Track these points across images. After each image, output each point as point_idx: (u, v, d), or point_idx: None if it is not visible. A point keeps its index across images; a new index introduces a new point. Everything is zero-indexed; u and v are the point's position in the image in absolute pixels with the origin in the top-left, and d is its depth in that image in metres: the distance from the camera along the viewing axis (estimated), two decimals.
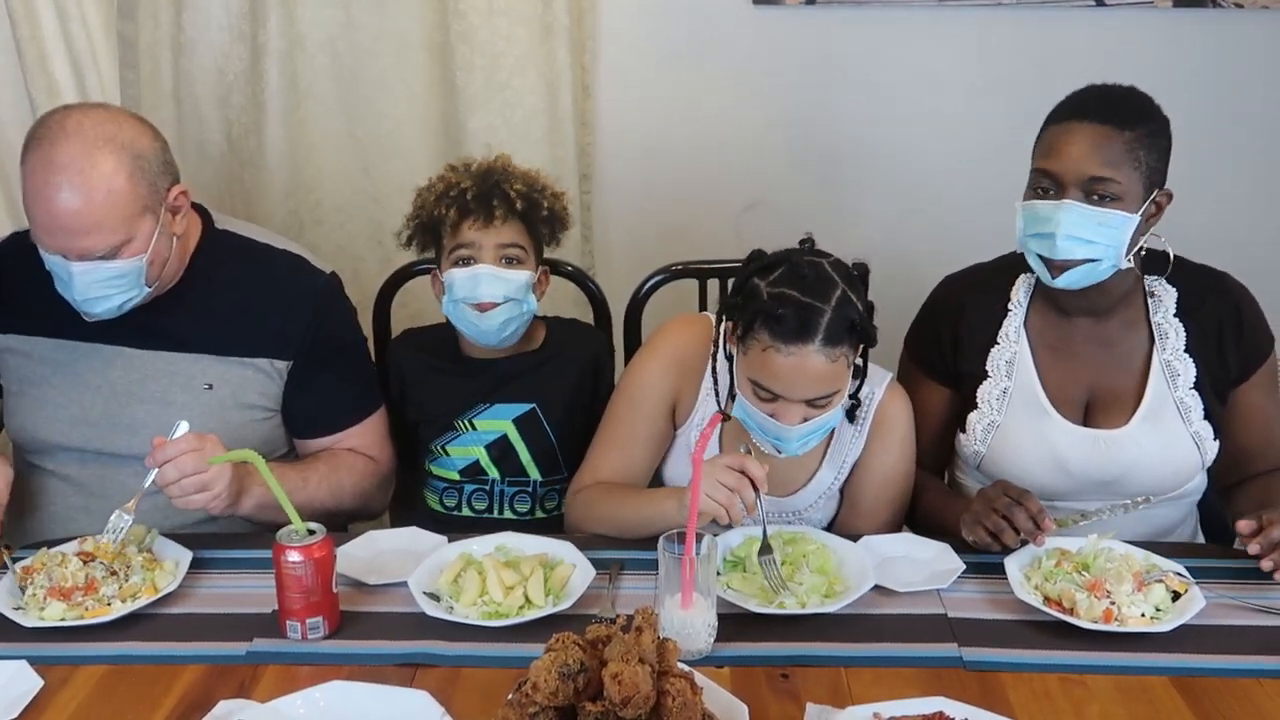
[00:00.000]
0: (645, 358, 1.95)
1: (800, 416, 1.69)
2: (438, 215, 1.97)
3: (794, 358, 1.64)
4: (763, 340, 1.66)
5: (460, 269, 1.96)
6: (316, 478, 1.92)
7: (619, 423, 1.92)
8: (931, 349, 1.96)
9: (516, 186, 1.97)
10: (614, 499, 1.86)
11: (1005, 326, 1.91)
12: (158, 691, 1.46)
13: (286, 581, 1.54)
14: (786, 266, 1.69)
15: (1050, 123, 1.78)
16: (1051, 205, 1.74)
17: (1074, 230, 1.73)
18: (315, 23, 2.53)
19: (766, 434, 1.74)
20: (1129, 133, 1.72)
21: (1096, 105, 1.75)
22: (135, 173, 1.73)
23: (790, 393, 1.67)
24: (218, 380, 1.91)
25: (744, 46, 2.60)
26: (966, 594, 1.65)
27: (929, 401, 1.96)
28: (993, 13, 2.57)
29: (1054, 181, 1.74)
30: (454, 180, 1.99)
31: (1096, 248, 1.74)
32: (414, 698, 1.39)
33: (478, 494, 2.05)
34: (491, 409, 2.04)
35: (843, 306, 1.65)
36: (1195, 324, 1.86)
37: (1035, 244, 1.78)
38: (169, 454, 1.68)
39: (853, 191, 2.69)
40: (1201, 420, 1.85)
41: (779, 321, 1.64)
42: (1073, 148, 1.73)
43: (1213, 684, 1.45)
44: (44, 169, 1.69)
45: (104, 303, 1.78)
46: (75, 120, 1.72)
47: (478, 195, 1.96)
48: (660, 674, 1.25)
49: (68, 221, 1.69)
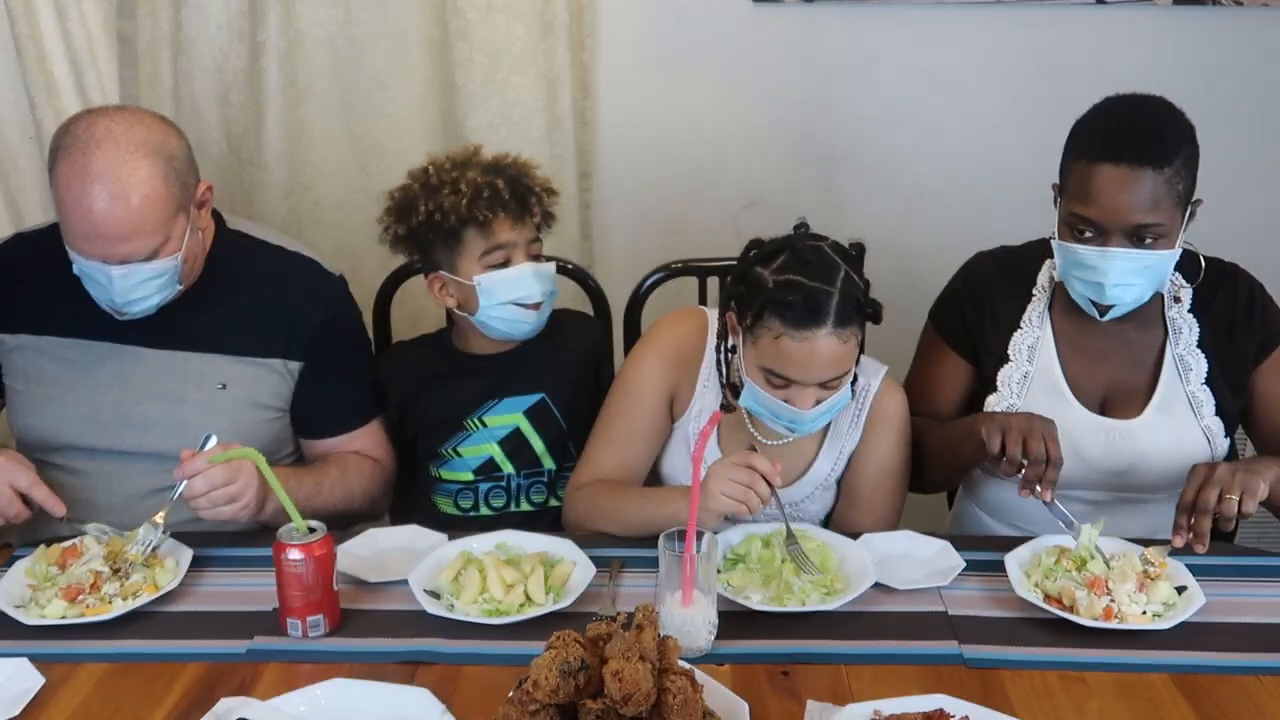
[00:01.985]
0: (641, 352, 1.96)
1: (814, 400, 1.71)
2: (475, 217, 1.89)
3: (807, 343, 1.66)
4: (774, 328, 1.67)
5: (500, 271, 1.92)
6: (329, 482, 1.93)
7: (617, 418, 1.93)
8: (957, 322, 1.97)
9: (536, 184, 1.96)
10: (618, 498, 1.86)
11: (1029, 311, 1.92)
12: (159, 689, 1.46)
13: (287, 579, 1.54)
14: (789, 253, 1.71)
15: (1081, 156, 1.73)
16: (1097, 253, 1.72)
17: (1124, 278, 1.73)
18: (314, 20, 2.52)
19: (780, 418, 1.75)
20: (1168, 169, 1.68)
21: (1130, 142, 1.69)
22: (169, 174, 1.74)
23: (805, 377, 1.69)
24: (232, 380, 1.92)
25: (743, 45, 2.60)
26: (967, 591, 1.65)
27: (951, 373, 1.97)
28: (993, 10, 2.57)
29: (1095, 229, 1.72)
30: (478, 180, 1.91)
31: (1140, 290, 1.76)
32: (415, 695, 1.40)
33: (495, 491, 2.04)
34: (501, 403, 2.03)
35: (848, 287, 1.68)
36: (1207, 318, 1.87)
37: (1081, 285, 1.78)
38: (197, 466, 1.68)
39: (852, 189, 2.69)
40: (1213, 415, 1.86)
41: (789, 308, 1.65)
42: (1113, 196, 1.68)
43: (1213, 681, 1.45)
44: (80, 179, 1.68)
45: (143, 303, 1.79)
46: (104, 127, 1.71)
47: (514, 194, 1.92)
48: (661, 671, 1.25)
49: (109, 230, 1.70)
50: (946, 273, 2.04)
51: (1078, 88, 1.84)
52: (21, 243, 2.00)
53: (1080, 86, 1.84)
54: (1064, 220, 1.77)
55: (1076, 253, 1.75)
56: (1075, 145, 1.77)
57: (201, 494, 1.69)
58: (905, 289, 2.27)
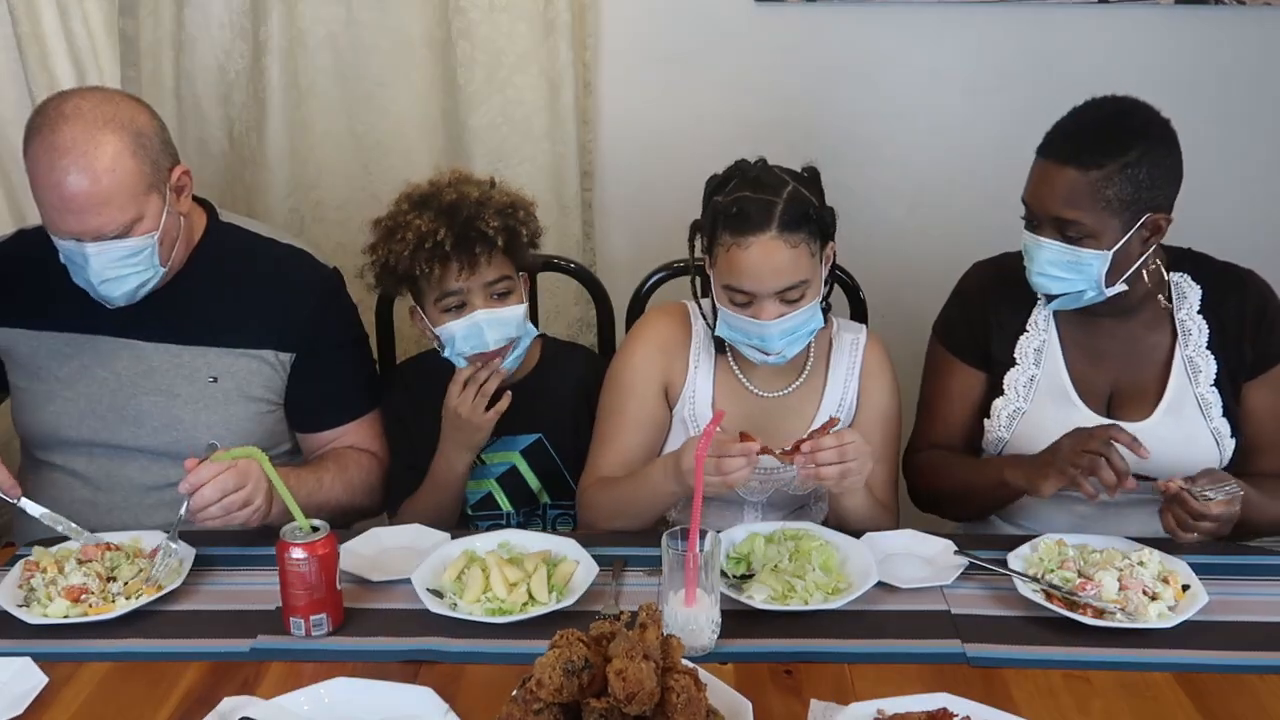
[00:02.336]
0: (628, 346, 1.99)
1: (776, 312, 1.78)
2: (417, 271, 1.85)
3: (755, 248, 1.74)
4: (725, 242, 1.77)
5: (455, 320, 1.88)
6: (330, 478, 1.93)
7: (612, 414, 1.95)
8: (964, 333, 1.98)
9: (493, 223, 1.86)
10: (612, 490, 1.89)
11: (1034, 315, 1.93)
12: (162, 688, 1.46)
13: (290, 578, 1.54)
14: (738, 176, 1.82)
15: (1038, 152, 1.81)
16: (1032, 240, 1.81)
17: (1045, 268, 1.80)
18: (316, 20, 2.52)
19: (750, 339, 1.81)
20: (1095, 172, 1.72)
21: (1065, 143, 1.77)
22: (138, 150, 1.74)
23: (760, 286, 1.76)
24: (223, 373, 1.92)
25: (745, 44, 2.60)
26: (970, 590, 1.65)
27: (965, 385, 1.98)
28: (994, 10, 2.56)
29: (1031, 215, 1.81)
30: (423, 228, 1.84)
31: (1069, 282, 1.80)
32: (418, 694, 1.40)
33: (492, 528, 1.98)
34: (498, 441, 2.02)
35: (795, 197, 1.77)
36: (1217, 320, 1.87)
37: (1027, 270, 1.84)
38: (205, 475, 1.67)
39: (853, 188, 2.68)
40: (1220, 417, 1.86)
41: (734, 219, 1.75)
42: (1042, 187, 1.78)
43: (1216, 680, 1.45)
44: (48, 154, 1.70)
45: (121, 284, 1.79)
46: (73, 104, 1.73)
47: (457, 243, 1.84)
48: (664, 670, 1.25)
49: (79, 202, 1.71)
50: (948, 271, 2.04)
51: (1078, 88, 1.84)
52: (24, 239, 2.01)
53: (1080, 86, 1.84)
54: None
55: (1024, 237, 1.83)
56: (1037, 150, 1.83)
57: (214, 501, 1.68)
58: (906, 288, 2.28)
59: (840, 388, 1.94)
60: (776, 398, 1.93)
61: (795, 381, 1.94)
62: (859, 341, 1.96)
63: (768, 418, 1.92)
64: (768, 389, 1.93)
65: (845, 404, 1.95)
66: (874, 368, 1.96)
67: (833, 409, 1.93)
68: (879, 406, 1.95)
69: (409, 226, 1.86)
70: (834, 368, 1.95)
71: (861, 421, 1.94)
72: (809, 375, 1.94)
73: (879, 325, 2.15)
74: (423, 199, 1.90)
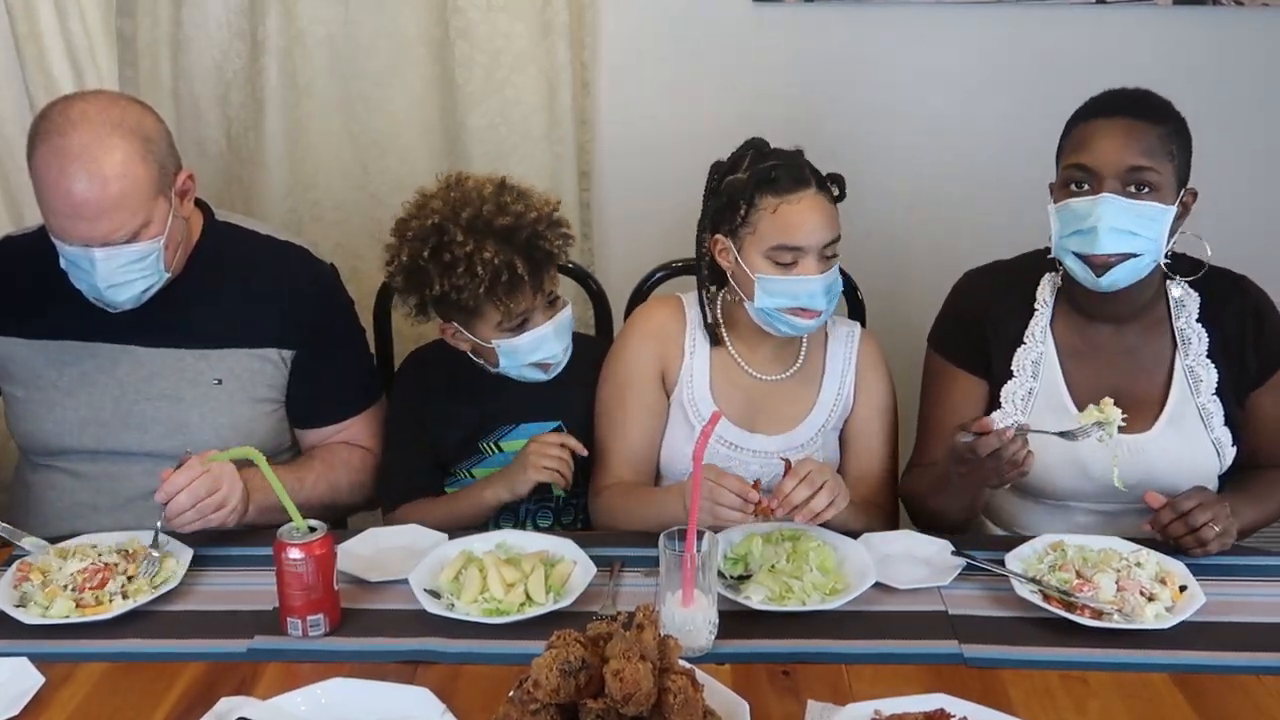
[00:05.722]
0: (622, 338, 2.01)
1: (820, 267, 1.82)
2: (494, 304, 1.82)
3: (805, 201, 1.80)
4: (769, 204, 1.81)
5: (521, 336, 1.89)
6: (312, 478, 1.93)
7: (612, 407, 1.96)
8: (962, 341, 1.94)
9: (553, 239, 1.86)
10: (629, 502, 1.89)
11: (1031, 327, 1.90)
12: (159, 689, 1.46)
13: (287, 579, 1.54)
14: (752, 151, 1.88)
15: (1078, 120, 1.79)
16: (1090, 201, 1.72)
17: (1116, 222, 1.71)
18: (314, 19, 2.52)
19: (798, 300, 1.82)
20: (1160, 127, 1.74)
21: (1127, 102, 1.77)
22: (147, 155, 1.73)
23: (810, 240, 1.80)
24: (226, 375, 1.91)
25: (744, 44, 2.60)
26: (967, 591, 1.65)
27: (965, 394, 1.93)
28: (993, 10, 2.56)
29: (1090, 175, 1.73)
30: (494, 260, 1.78)
31: (1139, 241, 1.73)
32: (415, 695, 1.40)
33: (505, 514, 2.01)
34: (517, 429, 2.02)
35: (812, 165, 1.86)
36: (1218, 328, 1.85)
37: (1075, 243, 1.75)
38: (179, 483, 1.68)
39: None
40: (1222, 426, 1.84)
41: (778, 180, 1.81)
42: (1108, 140, 1.73)
43: (1213, 680, 1.45)
44: (57, 159, 1.68)
45: (126, 290, 1.78)
46: (79, 109, 1.71)
47: (532, 268, 1.83)
48: (661, 671, 1.25)
49: (89, 208, 1.69)
50: (947, 272, 2.03)
51: (1078, 88, 1.84)
52: (9, 247, 1.99)
53: (1080, 86, 1.84)
54: (1060, 184, 1.79)
55: (1069, 207, 1.75)
56: (1069, 124, 1.81)
57: (189, 507, 1.69)
58: (906, 288, 2.28)
59: (838, 378, 1.96)
60: (775, 382, 1.95)
61: (792, 366, 1.95)
62: (854, 334, 1.99)
63: (766, 401, 1.94)
64: (766, 373, 1.95)
65: (842, 396, 1.96)
66: (871, 362, 1.98)
67: (831, 398, 1.95)
68: (876, 401, 1.97)
69: (475, 260, 1.79)
70: (831, 356, 1.97)
71: (859, 415, 1.96)
72: (805, 361, 1.96)
73: (877, 325, 2.16)
74: (472, 224, 1.81)
